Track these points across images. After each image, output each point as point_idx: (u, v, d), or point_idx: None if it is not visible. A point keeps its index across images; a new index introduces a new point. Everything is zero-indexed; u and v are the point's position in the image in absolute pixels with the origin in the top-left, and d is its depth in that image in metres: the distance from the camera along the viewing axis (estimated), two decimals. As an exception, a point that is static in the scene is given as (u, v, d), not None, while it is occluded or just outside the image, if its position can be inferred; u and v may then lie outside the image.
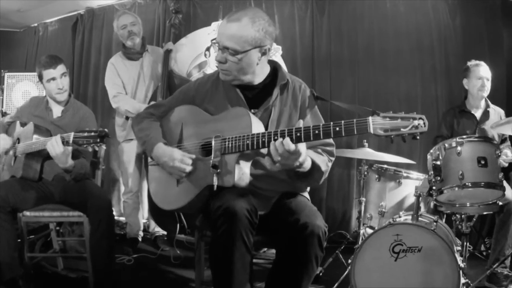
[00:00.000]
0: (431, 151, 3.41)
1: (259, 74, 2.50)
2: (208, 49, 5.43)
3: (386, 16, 5.09)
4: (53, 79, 3.60)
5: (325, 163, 2.46)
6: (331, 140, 2.54)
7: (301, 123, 2.20)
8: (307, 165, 2.31)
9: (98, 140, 2.99)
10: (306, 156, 2.26)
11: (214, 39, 2.42)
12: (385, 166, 3.95)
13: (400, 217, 3.41)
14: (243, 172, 2.32)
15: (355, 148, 4.39)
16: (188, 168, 2.46)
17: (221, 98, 2.58)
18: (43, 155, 3.39)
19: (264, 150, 2.31)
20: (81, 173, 3.52)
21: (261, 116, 2.45)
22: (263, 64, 2.49)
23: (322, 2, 5.24)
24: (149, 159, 2.76)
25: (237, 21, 2.28)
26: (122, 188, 4.96)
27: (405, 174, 3.85)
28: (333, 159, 2.55)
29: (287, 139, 2.11)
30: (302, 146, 2.16)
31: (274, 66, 2.59)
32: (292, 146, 2.11)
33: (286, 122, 2.49)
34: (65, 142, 3.15)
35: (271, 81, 2.52)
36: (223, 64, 2.40)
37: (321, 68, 5.16)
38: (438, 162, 3.29)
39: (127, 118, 4.67)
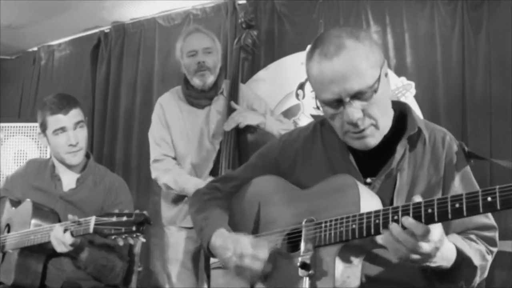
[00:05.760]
0: None
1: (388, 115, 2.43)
2: (301, 86, 5.42)
3: None
4: (63, 129, 3.53)
5: (480, 254, 2.32)
6: (491, 221, 2.39)
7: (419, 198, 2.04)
8: (450, 257, 2.16)
9: (134, 228, 2.91)
10: (446, 242, 2.12)
11: (316, 98, 2.39)
12: None
13: None
14: (348, 274, 2.23)
15: (527, 239, 4.07)
16: (261, 267, 2.39)
17: (320, 162, 2.55)
18: (46, 251, 3.34)
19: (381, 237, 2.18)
20: (105, 268, 3.46)
21: (382, 187, 2.39)
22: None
23: (478, 13, 4.96)
24: (212, 259, 2.70)
25: (344, 49, 2.24)
26: (169, 301, 4.74)
27: None
28: (494, 250, 2.40)
29: (409, 218, 1.99)
30: (436, 229, 2.02)
31: (400, 111, 2.48)
32: (420, 229, 1.97)
33: (423, 194, 2.27)
34: (74, 232, 3.11)
35: (394, 133, 2.42)
36: (363, 121, 2.29)
37: (476, 115, 4.87)
38: None
39: (181, 197, 4.46)
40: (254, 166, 2.77)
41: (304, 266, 2.17)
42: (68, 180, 3.68)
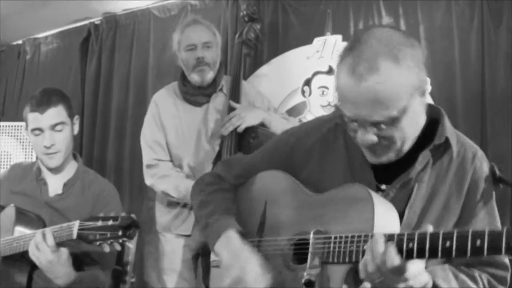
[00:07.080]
0: None
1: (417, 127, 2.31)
2: (307, 82, 5.24)
3: None
4: (39, 130, 3.49)
5: None
6: (503, 258, 2.28)
7: (430, 228, 1.98)
8: None
9: (120, 233, 2.81)
10: (429, 280, 2.09)
11: (338, 119, 2.38)
12: None
13: None
14: None
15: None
16: None
17: (339, 162, 2.47)
18: (30, 261, 3.19)
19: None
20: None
21: (396, 197, 2.32)
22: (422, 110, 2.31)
23: (499, 4, 4.80)
24: (212, 256, 2.64)
25: (375, 72, 2.08)
26: (165, 315, 4.64)
27: None
28: None
29: (391, 250, 1.95)
30: (415, 265, 1.98)
31: (433, 118, 2.37)
32: (395, 262, 1.93)
33: (437, 213, 2.31)
34: (57, 238, 3.00)
35: (420, 141, 2.32)
36: (379, 143, 2.22)
37: (496, 114, 4.68)
38: None
39: (183, 205, 4.33)
40: (263, 156, 2.69)
41: (309, 284, 2.12)
42: (55, 184, 3.64)
